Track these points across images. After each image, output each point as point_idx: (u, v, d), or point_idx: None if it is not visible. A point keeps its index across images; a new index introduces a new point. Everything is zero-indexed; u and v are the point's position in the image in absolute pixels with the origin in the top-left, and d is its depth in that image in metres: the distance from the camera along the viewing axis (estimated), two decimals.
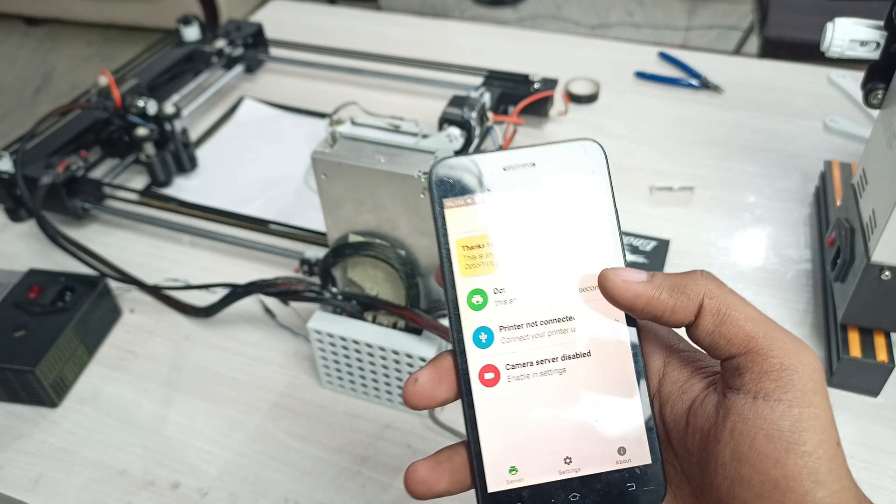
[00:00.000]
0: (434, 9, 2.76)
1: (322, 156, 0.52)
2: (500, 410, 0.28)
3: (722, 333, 0.26)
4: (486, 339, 0.29)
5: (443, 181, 0.29)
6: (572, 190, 0.29)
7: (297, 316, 0.65)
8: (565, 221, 0.29)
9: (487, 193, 0.29)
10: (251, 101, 0.95)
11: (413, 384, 0.28)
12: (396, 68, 0.95)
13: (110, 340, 0.65)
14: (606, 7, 2.71)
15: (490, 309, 0.29)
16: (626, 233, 0.69)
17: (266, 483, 0.53)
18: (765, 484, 0.24)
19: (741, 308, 0.26)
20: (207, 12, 2.34)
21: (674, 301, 0.26)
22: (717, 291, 0.26)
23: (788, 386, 0.24)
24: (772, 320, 0.26)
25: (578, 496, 0.28)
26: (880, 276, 0.52)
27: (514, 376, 0.28)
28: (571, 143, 0.29)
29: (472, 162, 0.29)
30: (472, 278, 0.29)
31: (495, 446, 0.28)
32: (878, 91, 0.53)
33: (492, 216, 0.29)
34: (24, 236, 0.76)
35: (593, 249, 0.29)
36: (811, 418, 0.24)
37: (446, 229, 0.29)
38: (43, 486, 0.54)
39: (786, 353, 0.25)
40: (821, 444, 0.24)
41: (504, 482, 0.28)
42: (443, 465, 0.28)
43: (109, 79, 0.80)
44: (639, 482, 0.28)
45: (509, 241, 0.29)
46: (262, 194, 0.80)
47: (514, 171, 0.29)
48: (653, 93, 0.94)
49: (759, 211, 0.75)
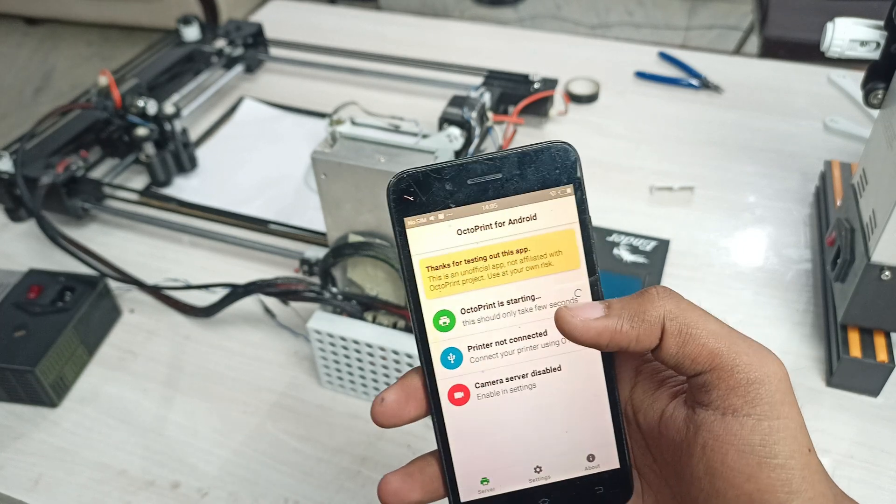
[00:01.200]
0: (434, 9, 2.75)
1: (322, 156, 0.52)
2: (469, 427, 0.28)
3: (686, 354, 0.25)
4: (454, 360, 0.28)
5: (402, 198, 0.27)
6: (542, 199, 0.27)
7: (297, 316, 0.65)
8: (535, 233, 0.28)
9: (452, 209, 0.27)
10: (251, 101, 0.95)
11: (380, 404, 0.28)
12: (396, 68, 0.95)
13: (110, 340, 0.65)
14: (606, 7, 2.71)
15: (458, 329, 0.28)
16: (626, 233, 0.69)
17: (266, 483, 0.53)
18: (740, 497, 0.24)
19: (702, 324, 0.25)
20: (207, 12, 2.34)
21: (636, 330, 0.26)
22: (677, 310, 0.26)
23: (756, 400, 0.24)
24: (735, 332, 0.26)
25: (548, 500, 0.29)
26: (880, 276, 0.52)
27: (484, 394, 0.28)
28: (541, 147, 0.27)
29: (434, 174, 0.27)
30: (438, 299, 0.28)
31: (466, 460, 0.28)
32: (878, 91, 0.53)
33: (457, 233, 0.27)
34: (24, 236, 0.76)
35: (565, 261, 0.28)
36: (781, 430, 0.24)
37: (409, 249, 0.27)
38: (43, 486, 0.54)
39: (751, 366, 0.25)
40: (792, 454, 0.24)
41: (476, 492, 0.29)
42: (414, 476, 0.28)
43: (109, 79, 0.80)
44: (607, 485, 0.29)
45: (476, 258, 0.27)
46: (262, 194, 0.80)
47: (479, 183, 0.27)
48: (653, 93, 0.94)
49: (759, 211, 0.75)
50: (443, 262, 0.27)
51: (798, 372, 0.59)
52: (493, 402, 0.28)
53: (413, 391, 0.28)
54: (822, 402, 0.57)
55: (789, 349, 0.60)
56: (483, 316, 0.28)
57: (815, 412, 0.56)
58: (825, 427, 0.55)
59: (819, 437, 0.54)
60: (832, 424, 0.55)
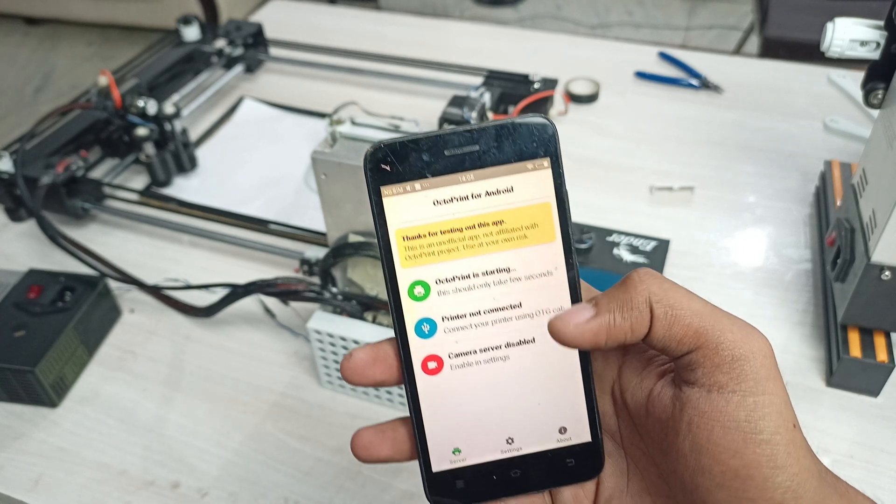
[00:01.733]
0: (434, 9, 2.75)
1: (322, 156, 0.52)
2: (442, 397, 0.28)
3: (672, 335, 0.25)
4: (428, 330, 0.28)
5: (380, 167, 0.27)
6: (518, 171, 0.27)
7: (297, 316, 0.65)
8: (511, 206, 0.27)
9: (428, 180, 0.27)
10: (251, 101, 0.95)
11: (348, 360, 0.28)
12: (396, 68, 0.95)
13: (110, 340, 0.65)
14: (606, 7, 2.71)
15: (432, 300, 0.28)
16: (627, 233, 0.69)
17: (266, 483, 0.53)
18: (726, 474, 0.24)
19: (686, 304, 0.25)
20: (207, 12, 2.34)
21: (628, 321, 0.26)
22: (660, 292, 0.26)
23: (741, 377, 0.24)
24: (718, 309, 0.26)
25: (519, 472, 0.29)
26: (880, 276, 0.52)
27: (458, 365, 0.28)
28: (519, 121, 0.27)
29: (412, 145, 0.27)
30: (413, 269, 0.28)
31: (439, 430, 0.29)
32: (878, 91, 0.53)
33: (433, 204, 0.27)
34: (24, 236, 0.76)
35: (541, 234, 0.28)
36: (766, 405, 0.24)
37: (385, 218, 0.27)
38: (43, 486, 0.54)
39: (736, 343, 0.25)
40: (777, 430, 0.24)
41: (448, 462, 0.29)
42: (387, 433, 0.29)
43: (109, 79, 0.80)
44: (578, 458, 0.29)
45: (452, 229, 0.27)
46: (262, 194, 0.80)
47: (456, 154, 0.27)
48: (653, 93, 0.94)
49: (759, 211, 0.75)
50: (419, 233, 0.27)
51: (798, 372, 0.59)
52: (467, 373, 0.28)
53: (383, 356, 0.28)
54: (822, 402, 0.57)
55: (789, 349, 0.60)
56: (458, 287, 0.28)
57: (815, 412, 0.56)
58: (825, 427, 0.55)
59: (819, 437, 0.54)
60: (832, 424, 0.55)
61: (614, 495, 0.29)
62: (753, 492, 0.24)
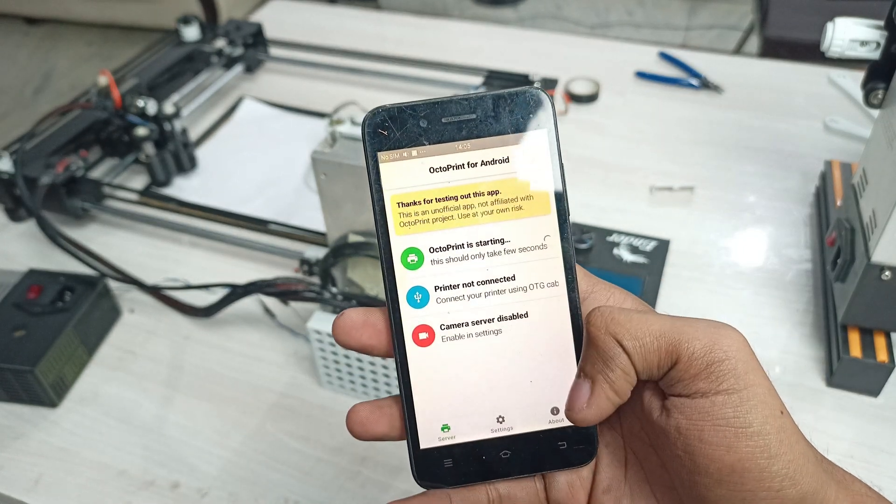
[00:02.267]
0: (434, 9, 2.75)
1: (322, 156, 0.52)
2: (433, 370, 0.28)
3: (646, 367, 0.26)
4: (420, 299, 0.28)
5: (377, 132, 0.27)
6: (515, 142, 0.27)
7: (297, 316, 0.65)
8: (507, 176, 0.27)
9: (425, 147, 0.27)
10: (251, 101, 0.95)
11: (340, 317, 0.28)
12: (396, 68, 0.95)
13: (110, 340, 0.65)
14: (606, 7, 2.71)
15: (426, 268, 0.28)
16: (627, 233, 0.69)
17: (266, 483, 0.53)
18: (722, 470, 0.24)
19: (647, 329, 0.25)
20: (207, 12, 2.34)
21: (621, 381, 0.26)
22: (621, 328, 0.26)
23: (721, 378, 0.25)
24: (678, 319, 0.26)
25: (510, 453, 0.28)
26: (880, 277, 0.52)
27: (449, 336, 0.28)
28: (517, 91, 0.27)
29: (410, 111, 0.27)
30: (407, 236, 0.27)
31: (428, 405, 0.28)
32: (879, 91, 0.53)
33: (430, 171, 0.27)
34: (24, 236, 0.76)
35: (536, 206, 0.28)
36: (750, 398, 0.24)
37: (381, 184, 0.27)
38: (43, 486, 0.54)
39: (707, 349, 0.25)
40: (766, 420, 0.24)
41: (436, 439, 0.28)
42: (383, 409, 0.29)
43: (109, 79, 0.80)
44: (570, 441, 0.28)
45: (447, 196, 0.27)
46: (262, 194, 0.80)
47: (454, 123, 0.27)
48: (653, 93, 0.94)
49: (759, 211, 0.75)
50: (414, 199, 0.27)
51: (798, 372, 0.59)
52: (458, 346, 0.28)
53: (373, 321, 0.28)
54: (822, 402, 0.57)
55: (789, 349, 0.60)
56: (451, 256, 0.28)
57: (815, 412, 0.56)
58: (825, 427, 0.55)
59: (819, 437, 0.54)
60: (832, 424, 0.55)
61: (612, 485, 0.29)
62: (751, 483, 0.24)
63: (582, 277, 0.29)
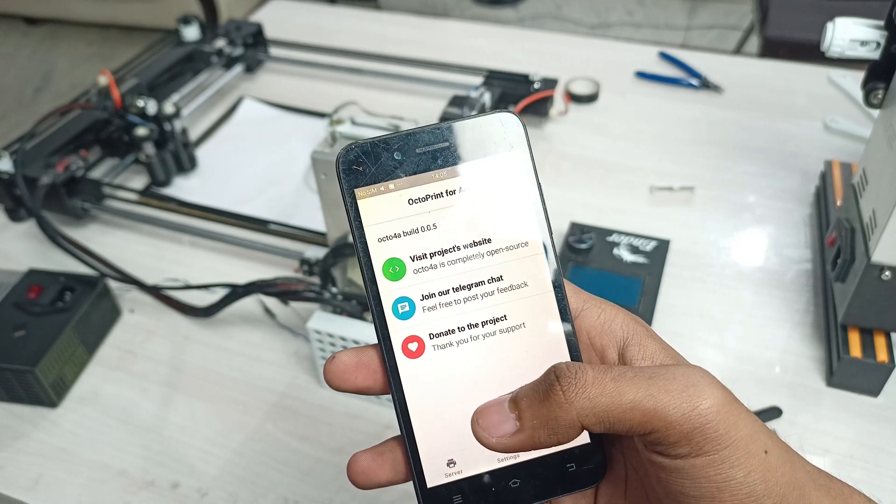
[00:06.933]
0: (434, 9, 2.75)
1: (322, 156, 0.52)
2: (429, 394, 0.28)
3: (618, 431, 0.25)
4: (406, 310, 0.28)
5: (352, 168, 0.27)
6: (491, 166, 0.28)
7: (297, 316, 0.65)
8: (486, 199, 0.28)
9: (402, 179, 0.27)
10: (251, 101, 0.95)
11: (331, 363, 0.28)
12: (396, 68, 0.95)
13: (110, 340, 0.65)
14: (606, 7, 2.71)
15: (409, 278, 0.27)
16: (627, 233, 0.69)
17: (266, 483, 0.53)
18: None
19: (618, 401, 0.24)
20: (207, 12, 2.34)
21: (556, 436, 0.25)
22: (590, 405, 0.24)
23: (702, 443, 0.24)
24: (654, 383, 0.24)
25: (519, 482, 0.28)
26: (880, 276, 0.52)
27: (440, 345, 0.28)
28: (486, 116, 0.28)
29: (383, 145, 0.27)
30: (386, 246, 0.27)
31: (430, 439, 0.28)
32: (879, 91, 0.53)
33: (409, 202, 0.27)
34: (24, 236, 0.76)
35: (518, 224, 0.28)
36: (732, 456, 0.24)
37: (360, 221, 0.27)
38: (43, 486, 0.54)
39: (684, 417, 0.24)
40: (749, 471, 0.24)
41: (443, 475, 0.28)
42: (385, 455, 0.28)
43: (109, 79, 0.80)
44: (578, 462, 0.28)
45: (427, 230, 0.27)
46: (262, 194, 0.80)
47: (428, 152, 0.27)
48: (653, 93, 0.94)
49: (759, 211, 0.74)
50: (394, 232, 0.27)
51: (798, 372, 0.59)
52: (450, 357, 0.28)
53: (367, 360, 0.28)
54: (822, 402, 0.56)
55: (789, 349, 0.60)
56: (434, 263, 0.28)
57: (815, 412, 0.56)
58: (825, 427, 0.55)
59: (819, 438, 0.54)
60: (832, 424, 0.55)
61: (612, 502, 0.28)
62: None
63: (572, 294, 0.28)
